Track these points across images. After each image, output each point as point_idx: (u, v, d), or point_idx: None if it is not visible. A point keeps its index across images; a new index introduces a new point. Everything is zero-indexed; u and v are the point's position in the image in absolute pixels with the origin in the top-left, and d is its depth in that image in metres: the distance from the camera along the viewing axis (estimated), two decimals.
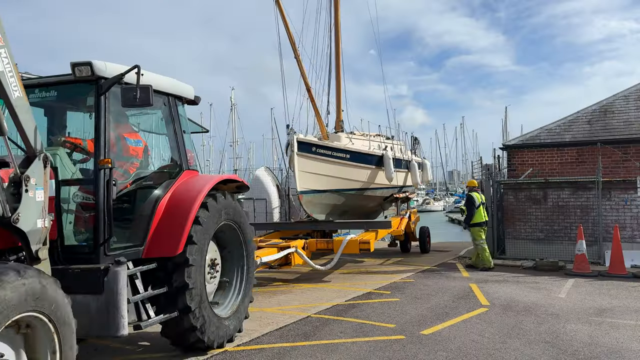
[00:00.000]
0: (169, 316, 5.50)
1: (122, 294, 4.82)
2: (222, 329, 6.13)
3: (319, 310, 8.24)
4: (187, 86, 6.65)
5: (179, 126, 6.32)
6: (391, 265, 13.17)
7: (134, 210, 5.68)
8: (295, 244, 10.78)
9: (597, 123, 14.06)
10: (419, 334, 6.84)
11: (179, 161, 6.25)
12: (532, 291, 9.62)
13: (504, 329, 7.05)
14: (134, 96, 4.92)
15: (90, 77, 5.15)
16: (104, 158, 5.06)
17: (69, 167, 5.29)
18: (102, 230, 5.02)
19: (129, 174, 5.73)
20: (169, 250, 5.52)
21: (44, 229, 4.32)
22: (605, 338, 6.63)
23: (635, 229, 12.47)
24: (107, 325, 4.76)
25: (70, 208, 5.18)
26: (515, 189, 13.82)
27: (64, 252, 5.00)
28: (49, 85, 5.50)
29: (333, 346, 6.38)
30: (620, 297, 9.05)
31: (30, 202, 4.17)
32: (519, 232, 13.69)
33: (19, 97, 4.19)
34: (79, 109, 5.95)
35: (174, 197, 5.84)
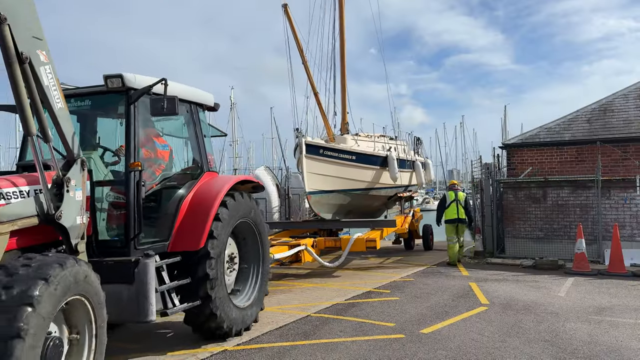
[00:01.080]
0: (192, 304, 6.01)
1: (151, 284, 5.35)
2: (239, 318, 6.64)
3: (319, 309, 8.25)
4: (207, 94, 7.24)
5: (200, 131, 6.89)
6: (391, 264, 13.18)
7: (160, 209, 6.23)
8: (305, 242, 11.23)
9: (597, 122, 14.07)
10: (418, 333, 6.84)
11: (200, 163, 6.85)
12: (532, 290, 9.63)
13: (504, 328, 7.06)
14: (162, 106, 5.47)
15: (121, 88, 5.71)
16: (134, 161, 5.59)
17: (102, 170, 5.86)
18: (132, 227, 5.54)
19: (156, 176, 6.26)
20: (192, 244, 6.07)
21: (82, 224, 4.86)
22: (604, 337, 6.63)
23: (634, 228, 12.48)
24: (138, 312, 5.27)
25: (103, 207, 5.75)
26: (515, 188, 13.82)
27: (98, 246, 5.54)
28: (84, 95, 6.07)
29: (333, 345, 6.39)
30: (619, 296, 9.06)
31: (71, 201, 4.71)
32: (518, 231, 13.69)
33: (61, 107, 4.76)
34: (111, 117, 6.54)
35: (196, 196, 6.40)
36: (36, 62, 4.49)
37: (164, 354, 6.13)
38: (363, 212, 14.84)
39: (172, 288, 5.86)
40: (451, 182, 14.88)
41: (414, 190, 17.66)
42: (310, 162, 11.96)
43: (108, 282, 4.84)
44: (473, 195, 16.19)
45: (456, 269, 12.20)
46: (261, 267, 7.41)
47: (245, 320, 6.81)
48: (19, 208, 4.47)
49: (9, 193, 4.52)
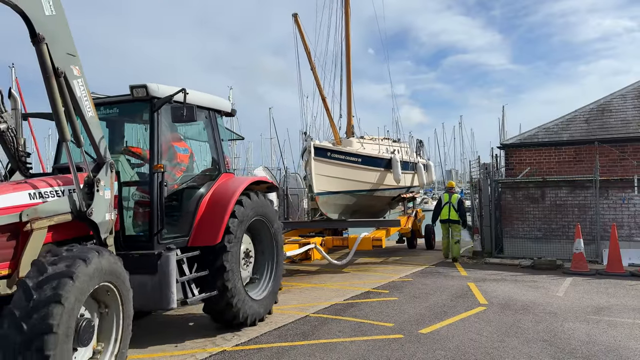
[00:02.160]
0: (210, 294, 6.52)
1: (172, 275, 5.91)
2: (254, 308, 7.12)
3: (318, 309, 8.25)
4: (225, 101, 7.84)
5: (218, 135, 7.42)
6: (389, 265, 13.19)
7: (181, 207, 6.76)
8: (314, 241, 11.67)
9: (595, 122, 14.08)
10: (417, 333, 6.85)
11: (218, 165, 7.37)
12: (530, 290, 9.64)
13: (502, 328, 7.07)
14: (182, 114, 6.03)
15: (146, 97, 6.24)
16: (157, 164, 6.14)
17: (128, 171, 6.34)
18: (155, 223, 6.10)
19: (177, 177, 6.78)
20: (210, 239, 6.58)
21: (111, 221, 5.41)
22: (603, 336, 6.65)
23: (632, 228, 12.50)
24: (160, 300, 5.86)
25: (130, 205, 6.29)
26: (513, 188, 13.84)
27: (125, 241, 6.07)
28: (112, 104, 6.64)
29: (331, 345, 6.39)
30: (617, 296, 9.07)
31: (101, 200, 5.24)
32: (516, 231, 13.71)
33: (92, 116, 5.33)
34: (136, 123, 7.11)
35: (214, 195, 6.91)
36: (70, 76, 5.03)
37: (162, 354, 6.12)
38: (368, 212, 15.34)
39: (191, 279, 6.39)
40: (449, 183, 15.44)
41: (416, 191, 18.15)
42: (319, 164, 12.41)
43: (134, 273, 5.29)
44: (472, 195, 16.21)
45: (454, 269, 12.21)
46: (275, 263, 7.85)
47: (259, 311, 7.26)
48: (55, 206, 4.99)
49: (47, 192, 5.08)
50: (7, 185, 5.03)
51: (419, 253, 15.51)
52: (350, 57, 17.47)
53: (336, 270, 12.19)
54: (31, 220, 4.71)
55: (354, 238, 12.64)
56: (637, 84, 15.06)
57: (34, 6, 4.67)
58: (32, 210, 4.75)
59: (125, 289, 4.97)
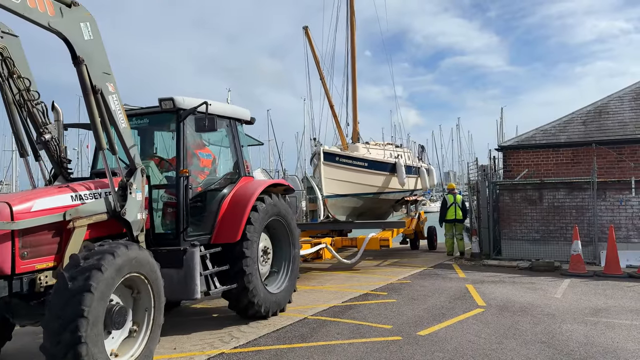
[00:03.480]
0: (230, 287, 7.11)
1: (196, 269, 6.52)
2: (272, 301, 7.72)
3: (316, 311, 8.25)
4: (244, 110, 8.40)
5: (238, 141, 8.02)
6: (388, 267, 13.19)
7: (204, 208, 7.33)
8: (325, 241, 12.42)
9: (592, 124, 14.12)
10: (415, 335, 6.85)
11: (238, 169, 7.94)
12: (528, 291, 9.65)
13: (500, 330, 7.07)
14: (204, 124, 6.60)
15: (172, 109, 6.90)
16: (183, 169, 6.74)
17: (157, 176, 6.95)
18: (181, 222, 6.71)
19: (201, 180, 7.37)
20: (231, 237, 7.17)
21: (142, 220, 6.03)
22: (601, 338, 6.66)
23: (630, 229, 12.53)
24: (186, 291, 6.47)
25: (159, 206, 6.89)
26: (511, 190, 13.86)
27: (154, 238, 6.65)
28: (143, 115, 7.29)
29: (330, 347, 6.39)
30: (615, 297, 9.09)
31: (133, 201, 5.87)
32: (514, 233, 13.73)
33: (125, 127, 5.92)
34: (164, 132, 7.78)
35: (234, 197, 7.51)
36: (106, 92, 5.64)
37: (161, 357, 6.11)
38: (373, 214, 15.98)
39: (213, 273, 6.98)
40: (450, 185, 15.96)
41: (418, 194, 18.82)
42: (328, 168, 12.99)
43: (162, 267, 5.78)
44: (470, 197, 16.27)
45: (453, 271, 12.22)
46: (292, 260, 8.47)
47: (276, 303, 7.85)
48: (94, 206, 5.65)
49: (86, 195, 5.76)
50: (52, 189, 5.71)
51: (418, 255, 15.52)
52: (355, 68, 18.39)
53: (334, 272, 12.21)
54: (73, 219, 5.39)
55: (362, 238, 13.25)
56: (634, 86, 15.10)
57: (75, 32, 5.32)
58: (74, 210, 5.43)
59: (154, 278, 5.51)
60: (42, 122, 6.29)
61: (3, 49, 5.88)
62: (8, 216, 4.99)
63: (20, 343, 6.78)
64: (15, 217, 5.03)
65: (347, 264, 12.73)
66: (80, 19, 5.42)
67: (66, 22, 5.23)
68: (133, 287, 5.43)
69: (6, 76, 5.94)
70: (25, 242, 5.12)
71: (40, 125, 6.27)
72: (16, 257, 5.04)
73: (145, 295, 5.50)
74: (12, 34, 6.09)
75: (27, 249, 5.14)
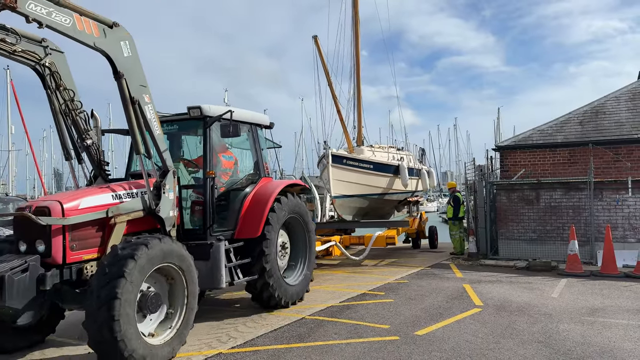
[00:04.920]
0: (252, 278, 7.78)
1: (221, 261, 7.21)
2: (290, 292, 8.37)
3: (314, 311, 8.25)
4: (264, 116, 9.15)
5: (258, 145, 8.74)
6: (385, 267, 13.20)
7: (228, 206, 7.97)
8: (335, 239, 13.25)
9: (589, 124, 14.15)
10: (413, 335, 6.86)
11: (259, 170, 8.63)
12: (525, 291, 9.67)
13: (498, 329, 7.09)
14: (228, 130, 7.28)
15: (199, 116, 7.57)
16: (209, 170, 7.40)
17: (185, 176, 7.73)
18: (208, 219, 7.36)
19: (224, 181, 8.04)
20: (252, 232, 7.84)
21: (174, 217, 6.70)
22: (597, 337, 6.67)
23: (626, 229, 12.56)
24: (212, 281, 7.15)
25: (187, 204, 7.58)
26: (508, 190, 13.88)
27: (184, 233, 7.27)
28: (173, 121, 7.97)
29: (327, 347, 6.39)
30: (612, 297, 9.11)
31: (166, 200, 6.57)
32: (511, 233, 13.75)
33: (159, 133, 6.60)
34: (191, 136, 8.46)
35: (255, 196, 8.16)
36: (142, 103, 6.32)
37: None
38: (377, 214, 16.44)
39: (237, 265, 7.64)
40: (452, 184, 16.40)
41: (420, 195, 19.48)
42: (336, 170, 13.52)
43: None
44: (467, 197, 16.32)
45: (450, 271, 12.24)
46: (308, 255, 9.12)
47: (295, 294, 8.53)
48: (131, 205, 6.34)
49: (124, 194, 6.45)
50: (95, 189, 6.43)
51: (415, 255, 15.54)
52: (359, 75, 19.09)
53: (332, 272, 12.22)
54: (114, 215, 6.10)
55: (370, 236, 14.06)
56: (630, 86, 15.16)
57: (116, 50, 5.98)
58: (115, 208, 6.15)
59: (186, 267, 6.13)
60: (84, 129, 7.05)
61: (51, 64, 6.66)
62: (60, 213, 5.74)
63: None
64: (66, 213, 5.77)
65: (355, 260, 13.42)
66: (121, 38, 6.08)
67: (109, 41, 5.90)
68: (168, 276, 6.08)
69: (54, 88, 6.74)
70: (74, 235, 5.86)
71: (82, 131, 7.03)
72: (67, 249, 5.78)
73: (179, 283, 6.14)
74: (59, 50, 6.84)
75: (75, 242, 5.88)
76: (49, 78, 6.67)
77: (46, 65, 6.61)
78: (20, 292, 5.37)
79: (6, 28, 5.99)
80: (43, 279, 5.52)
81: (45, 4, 5.21)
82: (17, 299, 5.35)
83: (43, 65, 6.59)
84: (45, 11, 5.19)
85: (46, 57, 6.60)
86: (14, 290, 5.29)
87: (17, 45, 6.14)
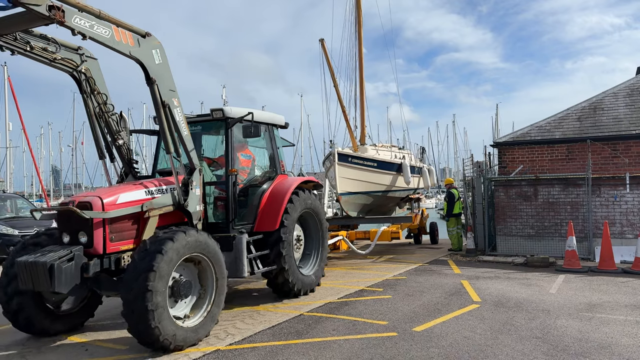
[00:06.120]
0: (270, 268, 8.37)
1: (243, 252, 7.80)
2: (305, 281, 9.01)
3: (312, 308, 8.25)
4: (279, 117, 9.63)
5: (275, 144, 9.35)
6: (383, 263, 13.20)
7: (248, 201, 8.57)
8: (342, 234, 13.99)
9: (587, 120, 14.14)
10: (411, 331, 6.86)
11: (275, 168, 9.28)
12: (523, 287, 9.68)
13: (496, 325, 7.09)
14: (250, 131, 7.95)
15: (222, 118, 8.15)
16: (232, 168, 7.96)
17: (208, 174, 8.12)
18: (230, 213, 7.95)
19: (244, 178, 8.55)
20: (270, 226, 8.46)
21: (200, 211, 7.25)
22: (595, 333, 6.68)
23: (624, 225, 12.58)
24: (236, 270, 7.73)
25: (211, 200, 8.04)
26: (506, 186, 13.89)
27: (208, 226, 7.75)
28: (197, 122, 8.46)
29: (325, 344, 6.39)
30: (610, 293, 9.13)
31: (193, 195, 7.12)
32: (509, 229, 13.76)
33: (187, 134, 7.08)
34: (213, 136, 8.97)
35: (272, 192, 8.78)
36: (172, 106, 6.84)
37: (157, 354, 6.10)
38: (379, 211, 16.91)
39: (256, 257, 8.21)
40: (448, 180, 16.52)
41: (421, 193, 19.97)
42: (342, 168, 13.96)
43: None
44: (465, 193, 16.32)
45: (448, 267, 12.24)
46: (321, 247, 9.74)
47: (308, 284, 9.10)
48: (162, 200, 6.88)
49: (155, 190, 7.02)
50: (130, 185, 6.95)
51: (413, 251, 15.55)
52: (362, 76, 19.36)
53: (330, 269, 12.20)
54: (148, 210, 6.64)
55: (375, 231, 14.94)
56: (628, 82, 15.14)
57: (149, 58, 6.47)
58: (149, 203, 6.69)
59: (213, 254, 6.63)
60: (116, 130, 7.66)
61: (87, 70, 7.26)
62: (100, 207, 6.30)
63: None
64: (106, 208, 6.33)
65: (362, 254, 14.12)
66: (152, 46, 6.55)
67: (142, 50, 6.37)
68: (196, 263, 6.59)
69: (89, 92, 7.35)
70: (112, 228, 6.42)
71: (114, 132, 7.64)
72: (106, 240, 6.34)
73: (208, 270, 6.67)
74: (93, 57, 7.40)
75: (114, 234, 6.43)
76: (85, 83, 7.28)
77: (82, 71, 7.21)
78: (67, 279, 5.95)
79: (47, 38, 6.63)
80: (86, 267, 6.12)
81: (87, 18, 5.64)
82: (65, 285, 5.93)
83: (79, 72, 7.19)
84: (88, 24, 5.62)
85: (82, 63, 7.20)
86: (62, 277, 5.88)
87: (57, 53, 6.78)
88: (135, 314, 5.70)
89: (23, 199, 18.92)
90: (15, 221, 15.94)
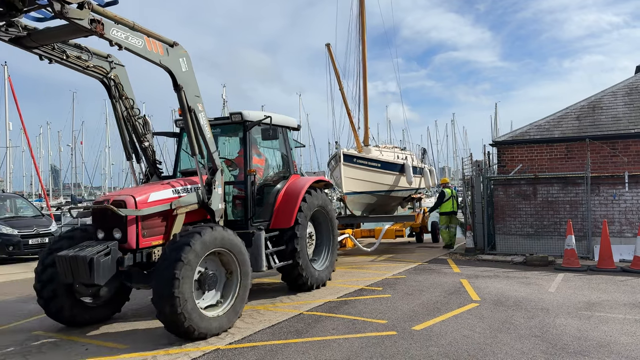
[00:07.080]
0: (286, 263, 8.87)
1: (262, 248, 8.25)
2: (317, 276, 9.50)
3: (311, 307, 8.26)
4: (292, 119, 10.11)
5: (288, 145, 9.82)
6: (383, 262, 13.22)
7: (264, 200, 9.01)
8: (348, 232, 14.30)
9: (586, 119, 14.15)
10: (410, 330, 6.87)
11: (289, 168, 9.81)
12: (522, 286, 9.69)
13: (495, 324, 7.11)
14: (269, 134, 8.29)
15: (241, 121, 8.57)
16: (250, 169, 8.40)
17: (227, 174, 8.49)
18: (249, 211, 8.40)
19: (260, 178, 9.00)
20: (285, 223, 8.94)
21: (222, 209, 7.70)
22: (594, 332, 6.70)
23: (623, 224, 12.60)
24: (255, 265, 8.06)
25: (230, 198, 8.48)
26: (505, 185, 13.90)
27: (228, 224, 8.03)
28: (217, 125, 8.80)
29: (325, 343, 6.40)
30: (609, 291, 9.14)
31: (216, 194, 7.58)
32: (509, 228, 13.78)
33: (210, 137, 7.47)
34: (232, 138, 9.51)
35: (287, 191, 9.26)
36: (197, 111, 7.24)
37: (156, 352, 6.11)
38: (382, 210, 17.23)
39: (273, 252, 8.70)
40: (445, 180, 17.02)
41: (422, 192, 20.37)
42: (347, 168, 14.29)
43: None
44: (464, 192, 16.35)
45: (447, 266, 12.26)
46: (331, 244, 10.29)
47: (319, 279, 9.57)
48: (188, 198, 7.32)
49: (181, 189, 7.43)
50: (159, 185, 7.37)
51: (413, 250, 15.58)
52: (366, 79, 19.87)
53: None
54: (176, 207, 7.10)
55: (380, 229, 15.51)
56: (627, 81, 15.15)
57: (176, 66, 6.84)
58: (177, 201, 7.15)
59: (237, 250, 7.05)
60: (142, 133, 8.07)
61: (115, 76, 7.65)
62: (133, 205, 6.72)
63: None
64: (138, 206, 6.75)
65: (367, 252, 14.42)
66: (180, 55, 6.91)
67: (171, 58, 6.73)
68: (222, 259, 7.00)
69: (117, 97, 7.74)
70: (144, 224, 6.84)
71: (140, 135, 8.06)
72: (139, 236, 6.76)
73: (232, 265, 7.07)
74: (120, 64, 7.78)
75: (146, 230, 6.86)
76: (114, 88, 7.68)
77: (111, 77, 7.62)
78: (105, 272, 6.35)
79: (81, 47, 7.06)
80: (122, 260, 6.53)
81: (123, 29, 5.99)
82: (103, 278, 6.34)
83: (109, 78, 7.60)
84: (123, 35, 5.97)
85: (111, 70, 7.60)
86: (100, 270, 6.29)
87: (90, 61, 7.22)
88: (163, 300, 6.08)
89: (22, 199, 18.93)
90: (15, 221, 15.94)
